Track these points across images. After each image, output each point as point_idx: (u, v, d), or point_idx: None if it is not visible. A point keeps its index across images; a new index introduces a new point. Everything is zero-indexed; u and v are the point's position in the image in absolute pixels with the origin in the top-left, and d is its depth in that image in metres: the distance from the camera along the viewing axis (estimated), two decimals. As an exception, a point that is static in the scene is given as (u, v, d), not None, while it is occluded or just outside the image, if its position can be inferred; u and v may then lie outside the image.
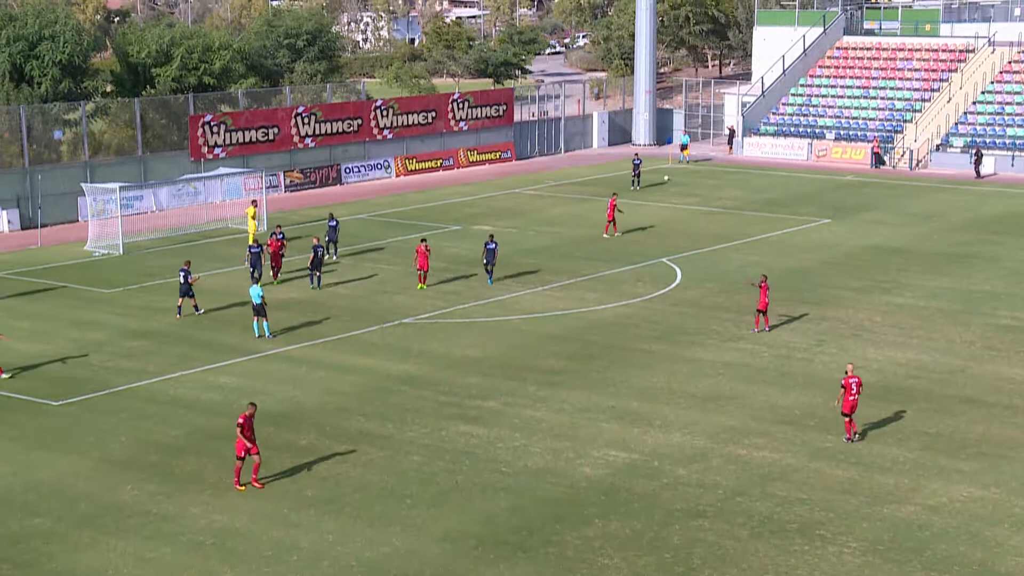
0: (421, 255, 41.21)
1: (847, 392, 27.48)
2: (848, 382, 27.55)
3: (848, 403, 27.51)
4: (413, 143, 69.88)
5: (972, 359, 34.24)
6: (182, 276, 38.26)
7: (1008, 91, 72.99)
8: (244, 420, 25.29)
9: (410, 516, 24.32)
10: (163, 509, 24.62)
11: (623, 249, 48.74)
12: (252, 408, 25.60)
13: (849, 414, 27.65)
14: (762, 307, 36.35)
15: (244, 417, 25.33)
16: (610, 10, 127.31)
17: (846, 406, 27.59)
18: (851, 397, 27.41)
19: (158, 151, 61.05)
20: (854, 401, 27.48)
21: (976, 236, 51.28)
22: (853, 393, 27.42)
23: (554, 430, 28.90)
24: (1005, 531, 23.58)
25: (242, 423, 25.27)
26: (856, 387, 27.50)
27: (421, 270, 41.36)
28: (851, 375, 27.73)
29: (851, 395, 27.39)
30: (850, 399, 27.44)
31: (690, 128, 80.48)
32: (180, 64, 70.50)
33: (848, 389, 27.48)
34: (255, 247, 41.84)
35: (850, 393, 27.42)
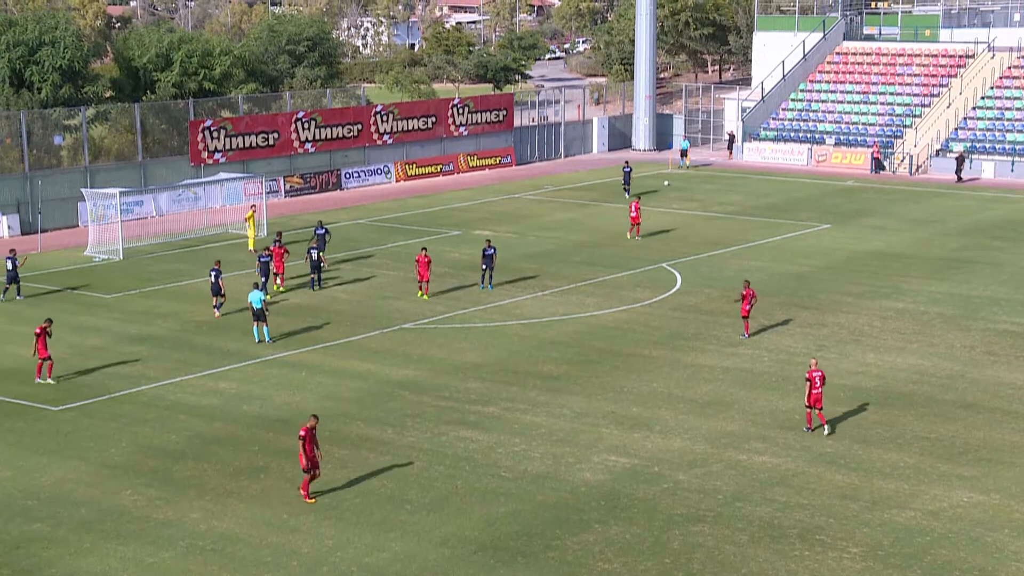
0: (421, 264, 40.90)
1: (811, 385, 28.45)
2: (812, 375, 28.53)
3: (812, 396, 28.50)
4: (413, 148, 69.91)
5: (972, 364, 34.23)
6: (213, 276, 39.03)
7: (1008, 96, 73.02)
8: (306, 432, 24.75)
9: (410, 521, 24.30)
10: (163, 514, 24.60)
11: (623, 254, 48.74)
12: (314, 420, 25.04)
13: (812, 406, 28.63)
14: (744, 313, 36.42)
15: (305, 429, 24.79)
16: (610, 15, 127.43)
17: (810, 399, 28.60)
18: (815, 390, 28.39)
19: (158, 156, 61.07)
20: (818, 394, 28.48)
21: (976, 241, 51.29)
22: (816, 386, 28.39)
23: (554, 435, 28.89)
24: (1006, 536, 23.56)
25: (303, 435, 24.73)
26: (819, 380, 28.48)
27: (422, 279, 41.09)
28: (814, 369, 28.66)
29: (815, 388, 28.37)
30: (814, 392, 28.43)
31: (690, 133, 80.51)
32: (180, 69, 70.52)
33: (812, 383, 28.45)
34: (265, 256, 41.83)
35: (814, 386, 28.40)
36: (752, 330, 37.00)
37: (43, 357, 32.55)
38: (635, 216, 51.68)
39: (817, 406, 28.66)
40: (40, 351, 32.45)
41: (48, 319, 33.42)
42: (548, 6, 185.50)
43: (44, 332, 32.55)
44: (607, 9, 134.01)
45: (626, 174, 61.75)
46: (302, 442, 24.82)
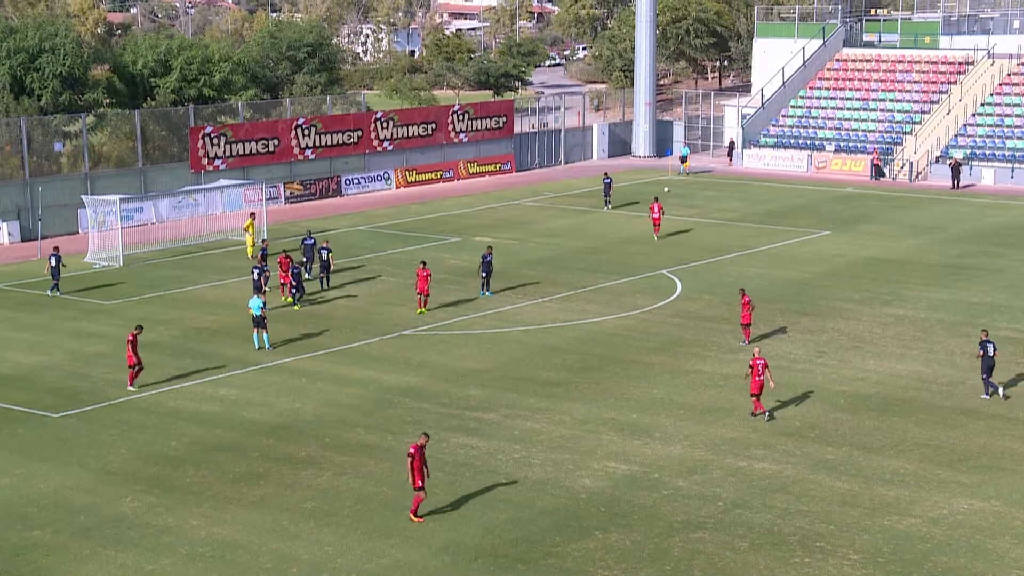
0: (421, 278, 40.02)
1: (754, 372, 29.76)
2: (755, 363, 29.88)
3: (755, 384, 29.80)
4: (413, 155, 69.95)
5: (972, 371, 34.17)
6: (255, 273, 39.75)
7: (1007, 103, 73.08)
8: (416, 450, 24.27)
9: (409, 528, 24.27)
10: (162, 521, 24.58)
11: (623, 261, 48.74)
12: (425, 438, 24.57)
13: (757, 394, 29.94)
14: (745, 320, 36.43)
15: (415, 447, 24.30)
16: (610, 22, 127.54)
17: (754, 387, 29.90)
18: (757, 378, 29.70)
19: (158, 163, 61.10)
20: (760, 381, 29.75)
21: (976, 248, 51.28)
22: (759, 374, 29.69)
23: (554, 442, 28.87)
24: (1006, 543, 23.54)
25: (413, 453, 24.24)
26: (761, 368, 29.76)
27: (421, 293, 40.21)
28: (757, 357, 30.06)
29: (757, 375, 29.68)
30: (756, 379, 29.71)
31: (690, 140, 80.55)
32: (180, 76, 70.59)
33: (755, 370, 29.79)
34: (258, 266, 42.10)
35: (756, 374, 29.69)
36: (752, 337, 36.98)
37: (131, 364, 32.41)
38: (656, 217, 52.97)
39: (757, 392, 30.05)
40: (129, 358, 32.31)
41: (139, 326, 33.27)
42: (548, 13, 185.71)
43: (135, 339, 32.36)
44: (607, 16, 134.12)
45: (606, 185, 60.37)
46: (411, 460, 24.22)
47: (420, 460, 24.28)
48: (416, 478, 24.30)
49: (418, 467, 24.27)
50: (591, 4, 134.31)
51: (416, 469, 24.26)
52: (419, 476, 24.29)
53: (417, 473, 24.27)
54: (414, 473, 24.29)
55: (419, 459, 24.26)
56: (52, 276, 43.29)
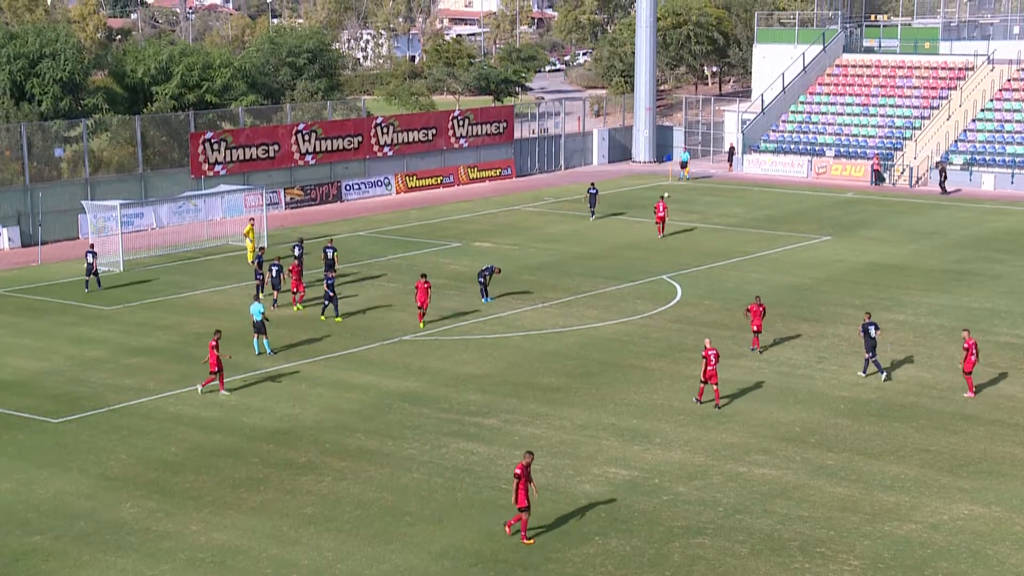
0: (421, 291, 39.19)
1: (707, 362, 31.19)
2: (707, 353, 31.26)
3: (708, 372, 31.28)
4: (413, 160, 69.97)
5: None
6: (274, 271, 40.65)
7: (1007, 108, 73.11)
8: (521, 469, 23.59)
9: (410, 533, 24.26)
10: (162, 527, 24.56)
11: (623, 266, 48.74)
12: (529, 457, 23.93)
13: (706, 381, 31.39)
14: (755, 327, 36.43)
15: (521, 466, 23.64)
16: (610, 28, 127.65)
17: (705, 374, 31.40)
18: (710, 367, 31.14)
19: (159, 168, 61.13)
20: (712, 370, 31.19)
21: (976, 253, 51.29)
22: (712, 363, 31.13)
23: (554, 447, 28.85)
24: (1007, 549, 23.52)
25: (519, 472, 23.59)
26: (714, 358, 31.22)
27: (421, 307, 39.40)
28: (709, 348, 31.42)
29: (710, 365, 31.14)
30: (709, 368, 31.16)
31: (690, 145, 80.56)
32: (180, 81, 70.63)
33: (708, 360, 31.18)
34: (260, 272, 42.47)
35: (709, 363, 31.14)
36: (751, 343, 36.98)
37: (212, 370, 32.31)
38: (661, 216, 54.13)
39: (712, 381, 31.37)
40: (212, 364, 32.20)
41: (218, 331, 33.24)
42: (548, 19, 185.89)
43: (217, 344, 32.29)
44: (607, 22, 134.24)
45: (592, 196, 58.93)
46: (518, 480, 23.56)
47: (526, 479, 23.56)
48: (521, 497, 23.54)
49: (524, 486, 23.53)
50: (591, 10, 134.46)
51: (522, 488, 23.51)
52: (524, 495, 23.54)
53: (523, 492, 23.53)
54: (518, 492, 23.53)
55: (525, 478, 23.54)
56: (87, 273, 44.47)
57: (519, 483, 23.57)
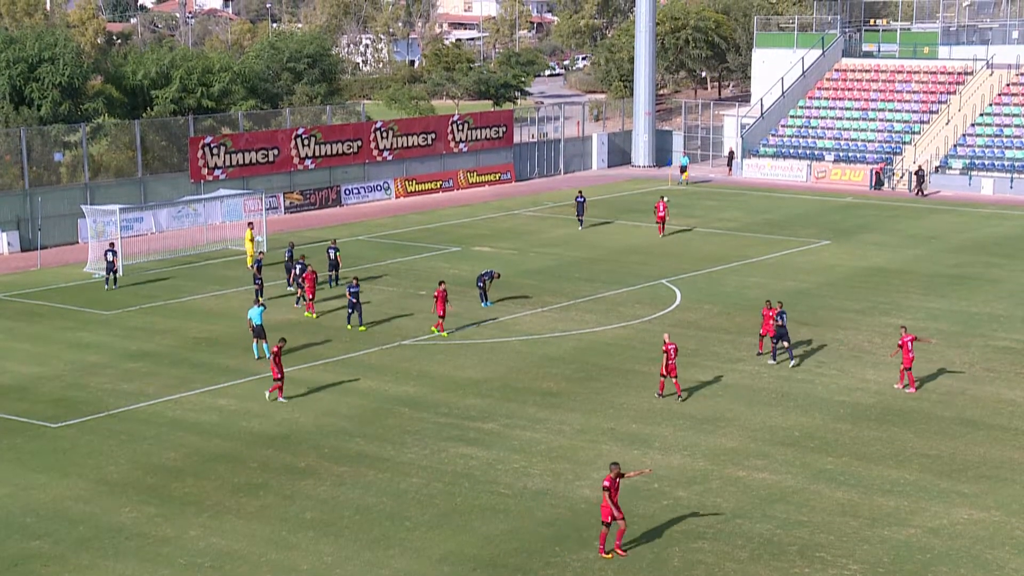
0: (440, 298, 38.67)
1: (667, 357, 32.03)
2: (667, 348, 32.10)
3: (668, 367, 32.15)
4: (413, 164, 70.00)
5: (971, 381, 34.21)
6: (298, 268, 40.93)
7: (1006, 113, 73.17)
8: (610, 482, 23.17)
9: (409, 538, 24.25)
10: (161, 531, 24.55)
11: (623, 270, 48.75)
12: (616, 468, 23.45)
13: (666, 375, 32.25)
14: (765, 332, 36.39)
15: (609, 479, 23.22)
16: (609, 32, 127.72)
17: (664, 368, 32.27)
18: (670, 361, 32.04)
19: (158, 173, 61.14)
20: (672, 364, 32.07)
21: (975, 258, 51.30)
22: (672, 358, 32.02)
23: (553, 452, 28.84)
24: (1006, 553, 23.51)
25: (608, 486, 23.13)
26: (673, 352, 32.11)
27: (442, 317, 38.87)
28: (668, 343, 32.21)
29: (670, 359, 32.02)
30: (669, 363, 32.06)
31: (689, 150, 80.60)
32: (179, 86, 70.66)
33: (668, 354, 32.04)
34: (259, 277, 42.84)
35: (670, 358, 32.02)
36: (751, 347, 36.99)
37: (276, 378, 32.21)
38: (662, 215, 55.19)
39: (672, 375, 32.22)
40: (274, 372, 32.12)
41: (282, 338, 33.16)
42: (548, 23, 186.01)
43: (280, 352, 32.18)
44: (606, 26, 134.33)
45: (579, 204, 57.84)
46: (607, 493, 23.13)
47: (616, 492, 23.10)
48: (609, 511, 23.10)
49: (615, 501, 23.08)
50: (591, 14, 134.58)
51: (614, 503, 23.07)
52: (613, 510, 23.06)
53: (616, 508, 23.07)
54: (613, 505, 23.09)
55: (615, 491, 23.10)
56: (107, 271, 45.75)
57: (609, 495, 23.03)
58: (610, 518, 23.23)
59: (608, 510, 23.16)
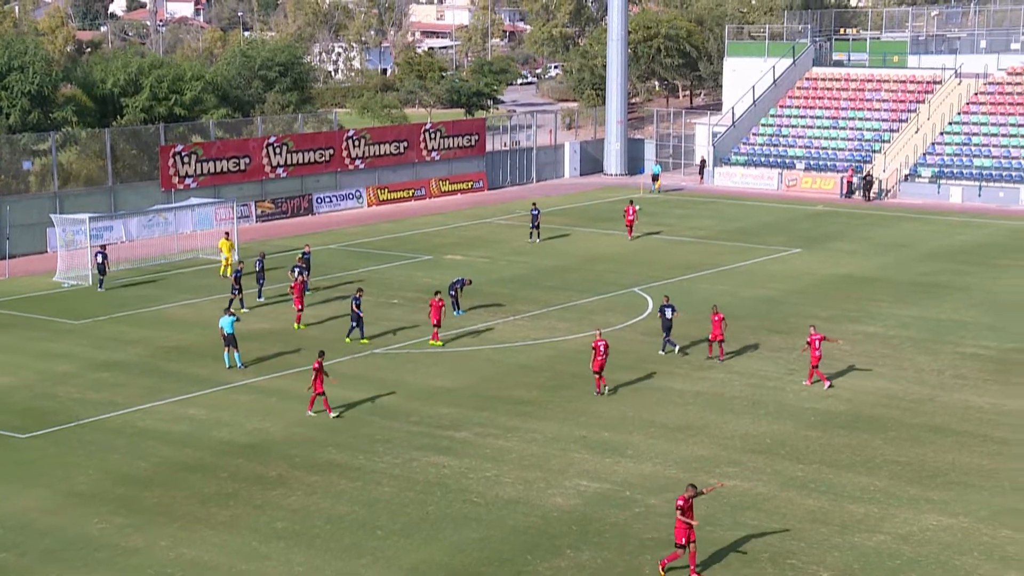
0: (434, 308, 38.50)
1: (596, 354, 32.45)
2: (597, 344, 32.59)
3: (597, 362, 32.64)
4: (385, 173, 69.91)
5: (941, 388, 34.43)
6: (296, 272, 40.41)
7: (975, 122, 73.76)
8: (684, 502, 22.42)
9: (380, 547, 24.18)
10: (131, 542, 24.38)
11: (594, 279, 48.82)
12: (692, 490, 22.71)
13: (598, 372, 32.78)
14: (713, 337, 36.71)
15: (684, 499, 22.47)
16: (582, 41, 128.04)
17: (595, 365, 32.74)
18: (599, 358, 32.49)
19: (128, 181, 60.83)
20: (602, 360, 32.56)
21: (945, 266, 51.65)
22: (601, 354, 32.45)
23: (525, 460, 28.84)
24: (975, 560, 23.65)
25: (682, 505, 22.41)
26: (604, 349, 32.53)
27: (436, 325, 38.41)
28: (599, 339, 32.79)
29: (599, 356, 32.48)
30: (599, 359, 32.51)
31: (661, 158, 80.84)
32: (150, 94, 70.34)
33: (597, 351, 32.48)
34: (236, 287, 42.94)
35: (598, 354, 32.48)
36: (722, 353, 37.13)
37: (318, 392, 31.66)
38: (631, 219, 56.40)
39: (600, 371, 32.86)
40: (316, 386, 31.54)
41: (321, 351, 32.54)
42: (520, 32, 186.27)
43: (321, 367, 31.61)
44: (579, 35, 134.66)
45: (533, 216, 56.81)
46: (680, 512, 22.46)
47: (690, 512, 22.46)
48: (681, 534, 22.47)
49: (688, 521, 22.42)
50: (563, 23, 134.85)
51: (688, 523, 22.41)
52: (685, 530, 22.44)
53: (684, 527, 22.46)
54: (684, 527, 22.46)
55: (689, 511, 22.45)
56: (99, 272, 46.46)
57: (681, 515, 22.45)
58: (684, 540, 22.51)
59: (683, 531, 22.41)
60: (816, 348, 34.11)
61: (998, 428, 31.04)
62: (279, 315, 42.61)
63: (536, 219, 57.03)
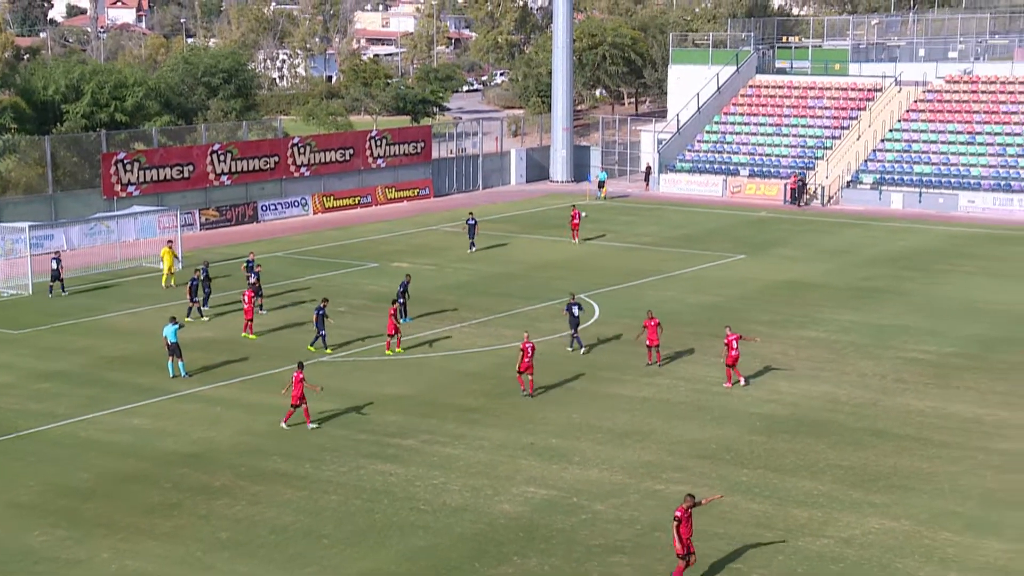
0: (391, 319, 38.52)
1: (524, 355, 33.35)
2: (525, 346, 33.49)
3: (523, 364, 33.50)
4: (331, 180, 69.64)
5: (883, 392, 34.84)
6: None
7: (914, 129, 74.80)
8: (682, 513, 22.32)
9: (327, 556, 24.04)
10: (72, 554, 24.07)
11: (541, 285, 48.90)
12: (690, 500, 22.51)
13: (523, 372, 33.62)
14: (651, 343, 36.93)
15: (682, 510, 22.36)
16: (527, 48, 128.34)
17: (521, 366, 33.55)
18: (526, 359, 33.37)
19: (69, 189, 60.11)
20: (528, 362, 33.44)
21: (886, 271, 52.27)
22: (528, 356, 33.35)
23: (472, 468, 28.81)
24: (915, 562, 23.94)
25: (680, 516, 22.29)
26: (531, 351, 33.45)
27: (390, 335, 38.61)
28: (527, 341, 33.60)
29: (526, 357, 33.36)
30: (525, 361, 33.39)
31: (607, 165, 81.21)
32: (91, 100, 69.55)
33: (524, 352, 33.37)
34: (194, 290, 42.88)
35: (526, 356, 33.35)
36: (667, 359, 37.34)
37: (294, 404, 31.17)
38: (576, 223, 57.50)
39: (528, 372, 33.62)
40: (294, 398, 31.09)
41: (300, 363, 31.95)
42: (466, 39, 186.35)
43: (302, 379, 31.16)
44: (524, 42, 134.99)
45: (470, 227, 56.25)
46: (677, 524, 22.26)
47: (687, 524, 22.32)
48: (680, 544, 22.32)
49: (685, 531, 22.31)
50: (508, 30, 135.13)
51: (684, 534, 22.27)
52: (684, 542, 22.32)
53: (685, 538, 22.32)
54: (680, 540, 22.33)
55: (686, 522, 22.29)
56: (52, 279, 46.19)
57: (678, 528, 22.28)
58: (685, 551, 22.37)
59: (683, 542, 22.29)
60: (733, 348, 34.72)
61: (938, 432, 31.46)
62: (224, 324, 42.29)
63: (473, 229, 56.45)
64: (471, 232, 56.47)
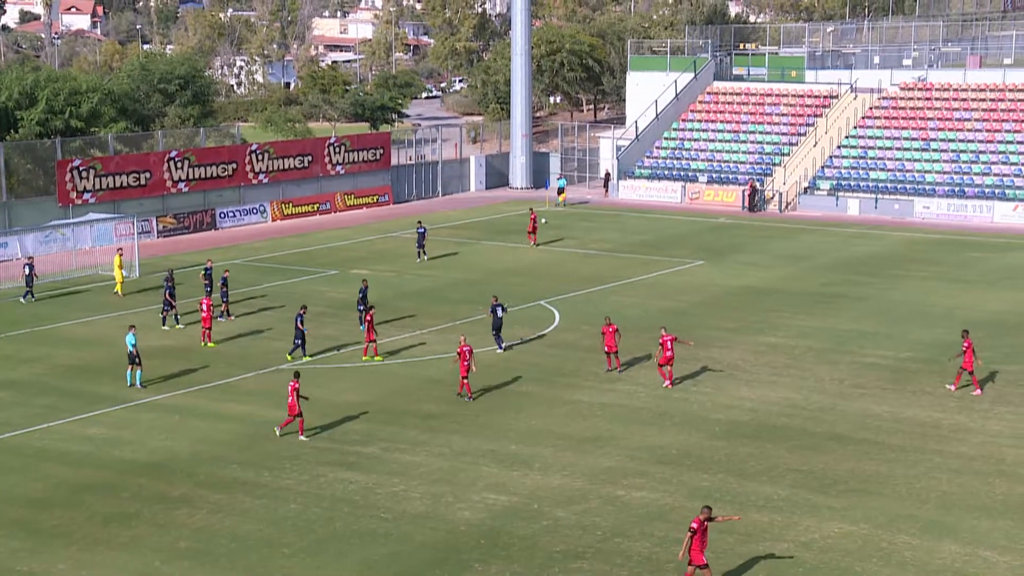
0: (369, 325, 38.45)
1: (461, 359, 33.93)
2: (462, 350, 33.99)
3: (463, 368, 34.06)
4: (289, 187, 69.34)
5: (841, 397, 35.10)
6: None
7: (870, 135, 75.51)
8: (698, 525, 21.95)
9: (287, 565, 23.90)
10: (27, 566, 23.78)
11: (501, 292, 48.76)
12: (707, 511, 22.18)
13: (466, 376, 34.16)
14: (609, 349, 37.06)
15: (698, 521, 21.99)
16: (486, 55, 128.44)
17: (463, 370, 34.10)
18: (464, 363, 33.96)
19: (24, 197, 59.46)
20: (467, 365, 34.00)
21: (843, 277, 52.70)
22: (467, 359, 33.92)
23: (433, 475, 28.75)
24: (874, 565, 24.12)
25: (696, 528, 21.93)
26: (468, 354, 33.98)
27: (369, 341, 38.50)
28: (464, 345, 34.18)
29: (464, 361, 33.94)
30: (464, 364, 33.98)
31: (566, 171, 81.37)
32: (46, 107, 68.88)
33: (463, 356, 33.92)
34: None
35: (464, 360, 33.93)
36: (626, 365, 37.43)
37: (292, 414, 30.72)
38: (533, 227, 58.65)
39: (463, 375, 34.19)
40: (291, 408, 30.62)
41: (296, 372, 31.59)
42: (424, 46, 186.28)
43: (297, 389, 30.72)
44: (483, 49, 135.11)
45: (420, 235, 55.47)
46: (692, 535, 22.01)
47: (703, 536, 22.02)
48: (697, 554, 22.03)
49: (699, 544, 22.03)
50: (467, 37, 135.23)
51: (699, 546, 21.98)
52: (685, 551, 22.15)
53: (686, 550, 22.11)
54: (692, 548, 22.04)
55: (702, 534, 21.99)
56: (26, 284, 46.39)
57: (692, 539, 22.02)
58: (703, 561, 22.15)
59: (696, 553, 22.07)
60: (668, 349, 35.33)
61: (895, 435, 31.74)
62: (183, 332, 41.97)
63: (423, 237, 55.81)
64: (420, 240, 55.65)
